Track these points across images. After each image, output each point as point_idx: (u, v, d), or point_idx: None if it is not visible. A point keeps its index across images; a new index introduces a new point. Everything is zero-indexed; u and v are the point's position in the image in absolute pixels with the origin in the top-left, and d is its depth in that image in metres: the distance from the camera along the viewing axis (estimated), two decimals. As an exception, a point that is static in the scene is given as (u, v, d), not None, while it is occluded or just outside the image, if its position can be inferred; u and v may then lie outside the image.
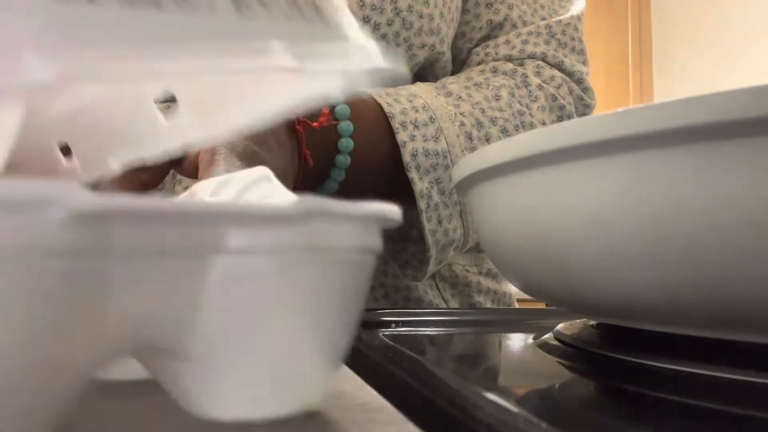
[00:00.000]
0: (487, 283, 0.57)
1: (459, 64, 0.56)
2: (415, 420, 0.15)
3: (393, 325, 0.34)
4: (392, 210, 0.15)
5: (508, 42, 0.54)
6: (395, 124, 0.44)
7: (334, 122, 0.41)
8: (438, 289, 0.54)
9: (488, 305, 0.57)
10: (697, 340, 0.20)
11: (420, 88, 0.48)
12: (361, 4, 0.46)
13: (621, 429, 0.15)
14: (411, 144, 0.45)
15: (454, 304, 0.55)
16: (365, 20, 0.47)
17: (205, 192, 0.19)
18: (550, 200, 0.21)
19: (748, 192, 0.16)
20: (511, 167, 0.22)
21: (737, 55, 2.38)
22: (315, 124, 0.39)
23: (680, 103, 0.16)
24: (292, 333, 0.14)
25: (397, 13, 0.47)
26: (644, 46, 2.77)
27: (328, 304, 0.15)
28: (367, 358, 0.23)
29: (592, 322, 0.29)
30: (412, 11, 0.48)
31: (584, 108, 0.55)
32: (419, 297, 0.52)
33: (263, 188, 0.18)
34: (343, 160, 0.42)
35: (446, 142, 0.46)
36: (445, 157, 0.45)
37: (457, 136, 0.46)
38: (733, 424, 0.15)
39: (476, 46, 0.56)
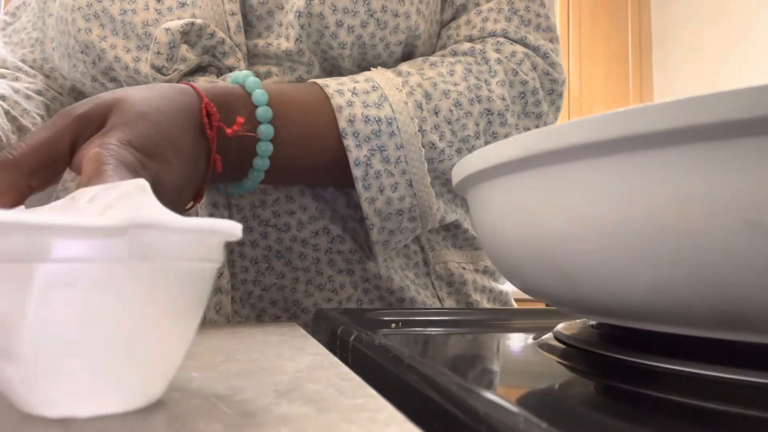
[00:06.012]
0: (483, 281, 0.56)
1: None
2: (415, 420, 0.15)
3: (393, 325, 0.34)
4: (232, 226, 0.17)
5: (468, 22, 0.52)
6: (330, 91, 0.42)
7: (257, 123, 0.40)
8: (434, 287, 0.53)
9: (485, 304, 0.55)
10: (697, 340, 0.20)
11: (367, 72, 0.46)
12: (334, 8, 0.45)
13: (621, 429, 0.15)
14: (348, 110, 0.42)
15: (449, 303, 0.53)
16: (338, 24, 0.45)
17: (84, 198, 0.21)
18: (550, 200, 0.21)
19: (747, 192, 0.16)
20: (511, 167, 0.22)
21: (737, 54, 2.38)
22: (229, 131, 0.38)
23: (680, 103, 0.16)
24: (116, 338, 0.16)
25: (371, 15, 0.46)
26: (644, 46, 2.77)
27: (158, 309, 0.16)
28: (367, 358, 0.23)
29: (592, 322, 0.29)
30: (386, 11, 0.46)
31: (551, 83, 0.52)
32: (412, 297, 0.50)
33: (136, 199, 0.20)
34: (261, 163, 0.41)
35: (392, 109, 0.43)
36: (390, 124, 0.43)
37: (405, 104, 0.44)
38: (733, 424, 0.15)
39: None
